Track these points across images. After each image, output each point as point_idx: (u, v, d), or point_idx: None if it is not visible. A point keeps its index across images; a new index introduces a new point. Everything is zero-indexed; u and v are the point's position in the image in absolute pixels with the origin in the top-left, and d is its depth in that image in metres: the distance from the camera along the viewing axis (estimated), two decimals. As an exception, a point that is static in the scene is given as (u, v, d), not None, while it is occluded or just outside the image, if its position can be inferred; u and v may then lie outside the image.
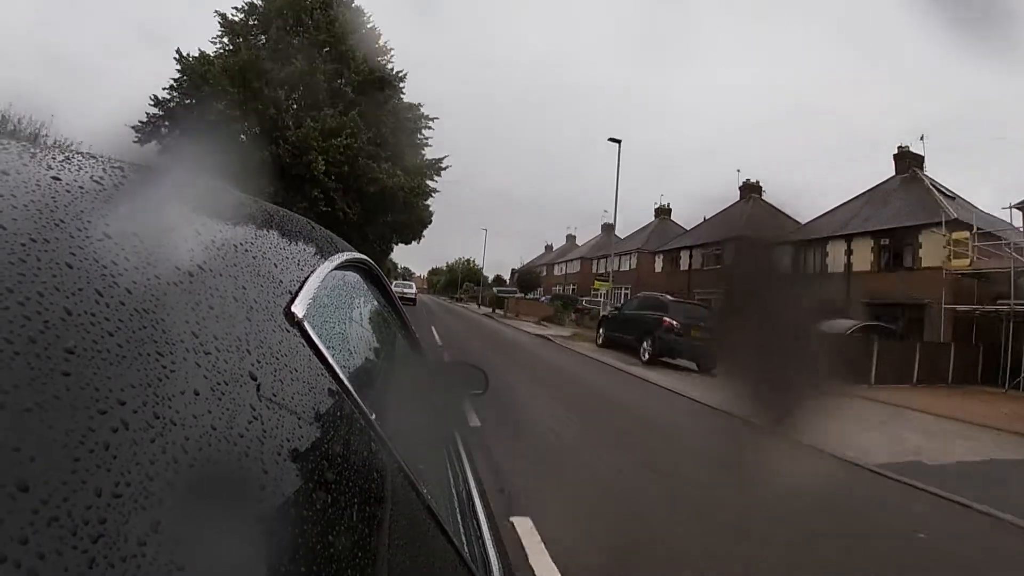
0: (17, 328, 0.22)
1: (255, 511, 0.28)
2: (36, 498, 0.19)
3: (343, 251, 0.67)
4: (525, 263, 57.42)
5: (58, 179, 0.35)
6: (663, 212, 37.64)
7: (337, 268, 0.60)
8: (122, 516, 0.21)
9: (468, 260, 67.19)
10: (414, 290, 30.64)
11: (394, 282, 30.25)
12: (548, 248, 59.05)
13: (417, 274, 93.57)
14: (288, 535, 0.29)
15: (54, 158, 0.40)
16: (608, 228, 44.87)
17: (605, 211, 62.37)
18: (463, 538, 0.74)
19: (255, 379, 0.33)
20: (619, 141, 18.77)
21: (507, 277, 60.95)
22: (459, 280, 59.04)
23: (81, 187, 0.36)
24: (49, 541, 0.18)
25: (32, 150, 0.40)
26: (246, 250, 0.45)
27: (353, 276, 0.72)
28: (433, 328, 13.22)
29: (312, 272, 0.51)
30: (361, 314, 0.73)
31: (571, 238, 53.31)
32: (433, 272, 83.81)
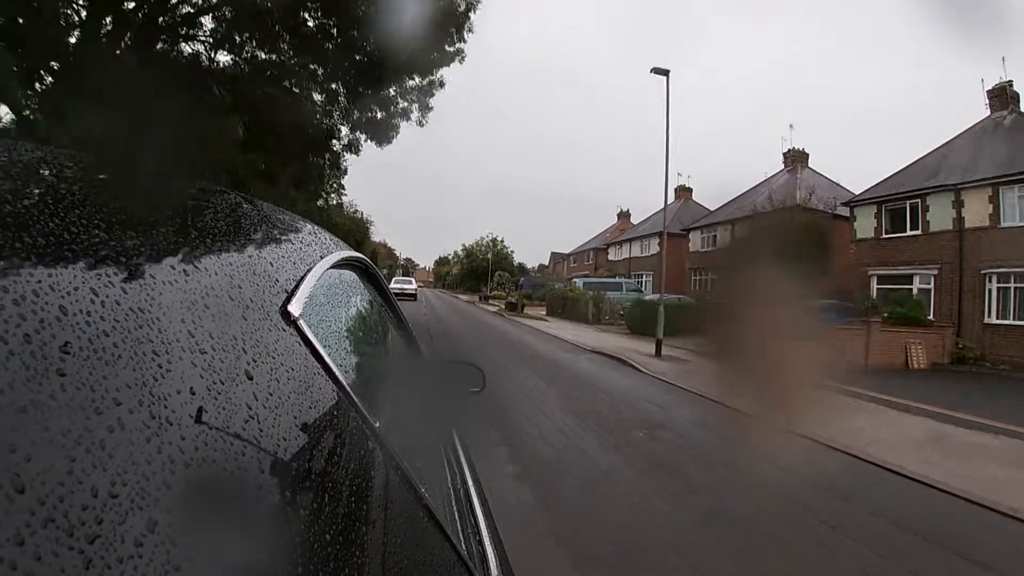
0: (12, 327, 0.22)
1: (252, 511, 0.28)
2: (33, 499, 0.19)
3: (340, 250, 0.66)
4: (575, 248, 38.59)
5: (55, 177, 0.35)
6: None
7: (334, 267, 0.60)
8: (119, 516, 0.21)
9: (495, 240, 47.77)
10: (414, 286, 28.82)
11: (394, 280, 28.01)
12: (624, 215, 36.47)
13: (422, 266, 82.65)
14: (285, 534, 0.29)
15: (51, 157, 0.40)
16: (799, 156, 23.10)
17: (791, 132, 35.15)
18: (461, 536, 0.74)
19: (251, 378, 0.33)
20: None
21: (533, 267, 45.47)
22: (488, 269, 40.76)
23: (78, 186, 0.36)
24: (46, 542, 0.18)
25: (32, 148, 0.40)
26: (242, 249, 0.45)
27: (350, 275, 0.72)
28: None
29: (308, 271, 0.51)
30: (358, 313, 0.73)
31: (683, 189, 30.15)
32: (440, 262, 67.69)
